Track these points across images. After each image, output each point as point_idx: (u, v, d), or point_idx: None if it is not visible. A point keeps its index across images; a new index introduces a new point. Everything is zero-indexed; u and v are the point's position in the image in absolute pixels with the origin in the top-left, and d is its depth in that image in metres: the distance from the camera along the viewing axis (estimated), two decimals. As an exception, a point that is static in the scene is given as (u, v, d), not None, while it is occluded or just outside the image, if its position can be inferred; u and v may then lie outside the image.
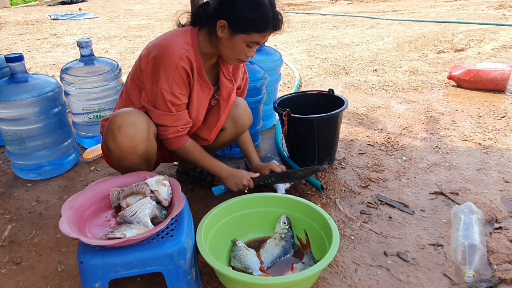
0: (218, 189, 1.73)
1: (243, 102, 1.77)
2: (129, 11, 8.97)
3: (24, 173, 2.08)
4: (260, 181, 1.74)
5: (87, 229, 1.22)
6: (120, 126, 1.39)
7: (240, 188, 1.68)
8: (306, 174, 1.80)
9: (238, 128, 1.77)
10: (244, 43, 1.43)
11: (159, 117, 1.48)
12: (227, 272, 1.18)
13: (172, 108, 1.46)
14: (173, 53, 1.40)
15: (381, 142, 2.38)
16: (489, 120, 2.60)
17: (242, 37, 1.41)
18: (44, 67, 4.37)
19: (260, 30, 1.41)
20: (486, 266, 1.41)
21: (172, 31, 1.50)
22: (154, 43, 1.46)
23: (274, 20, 1.42)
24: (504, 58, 3.88)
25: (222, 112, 1.66)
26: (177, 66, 1.41)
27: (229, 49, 1.45)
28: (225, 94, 1.64)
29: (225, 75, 1.63)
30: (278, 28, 1.45)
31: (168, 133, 1.51)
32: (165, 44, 1.42)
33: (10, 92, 1.87)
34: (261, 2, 1.38)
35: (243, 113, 1.75)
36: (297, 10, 7.92)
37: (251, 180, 1.68)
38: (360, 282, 1.38)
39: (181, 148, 1.57)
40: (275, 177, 1.76)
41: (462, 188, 1.89)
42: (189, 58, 1.43)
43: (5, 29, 6.85)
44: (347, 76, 3.69)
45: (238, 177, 1.66)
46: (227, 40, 1.43)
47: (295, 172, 1.80)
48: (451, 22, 5.60)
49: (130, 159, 1.44)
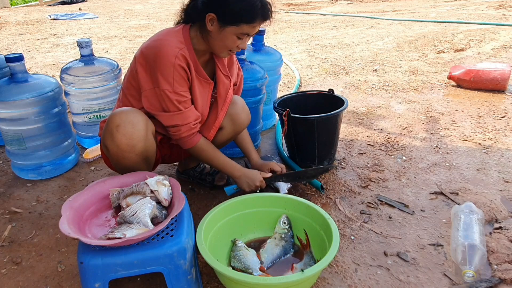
0: (230, 189, 1.73)
1: (240, 100, 1.77)
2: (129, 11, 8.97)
3: (24, 173, 2.08)
4: (272, 181, 1.75)
5: (87, 229, 1.22)
6: (118, 125, 1.39)
7: (252, 189, 1.68)
8: (316, 174, 1.84)
9: (236, 126, 1.76)
10: (234, 35, 1.42)
11: (169, 119, 1.47)
12: (227, 272, 1.18)
13: (180, 106, 1.46)
14: (167, 53, 1.40)
15: (381, 142, 2.38)
16: (489, 120, 2.60)
17: (231, 29, 1.40)
18: (44, 67, 4.37)
19: (249, 21, 1.39)
20: (486, 266, 1.41)
21: (163, 31, 1.49)
22: (147, 45, 1.45)
23: (263, 10, 1.40)
24: (504, 58, 3.88)
25: (220, 109, 1.65)
26: (174, 65, 1.40)
27: (220, 42, 1.44)
28: (222, 90, 1.64)
29: (222, 71, 1.62)
30: (267, 17, 1.43)
31: (182, 132, 1.51)
32: (159, 45, 1.41)
33: (10, 92, 1.87)
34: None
35: (241, 111, 1.75)
36: (297, 10, 7.92)
37: (263, 180, 1.69)
38: (360, 282, 1.38)
39: (195, 146, 1.57)
40: (286, 177, 1.78)
41: (462, 188, 1.89)
42: (184, 56, 1.43)
43: (5, 29, 6.85)
44: (347, 76, 3.69)
45: (251, 177, 1.66)
46: (217, 33, 1.42)
47: (306, 171, 1.84)
48: (451, 22, 5.60)
49: (129, 158, 1.44)
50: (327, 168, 1.87)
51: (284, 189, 1.80)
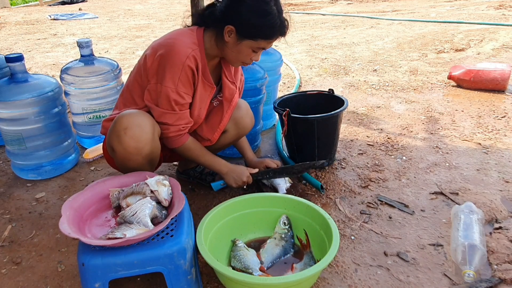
0: (217, 184, 1.75)
1: (245, 104, 1.78)
2: (129, 11, 8.97)
3: (24, 173, 2.08)
4: (259, 176, 1.77)
5: (87, 229, 1.22)
6: (126, 127, 1.39)
7: (239, 184, 1.69)
8: (302, 169, 1.83)
9: (240, 130, 1.77)
10: (250, 49, 1.45)
11: (161, 115, 1.48)
12: (227, 272, 1.18)
13: (176, 107, 1.47)
14: (179, 52, 1.41)
15: (381, 142, 2.38)
16: (489, 120, 2.60)
17: (249, 43, 1.43)
18: (44, 67, 4.37)
19: (267, 37, 1.43)
20: (486, 266, 1.41)
21: (177, 31, 1.50)
22: (160, 42, 1.46)
23: (281, 27, 1.44)
24: (504, 58, 3.88)
25: (225, 112, 1.66)
26: (183, 65, 1.41)
27: (235, 53, 1.47)
28: (228, 95, 1.65)
29: (227, 77, 1.63)
30: (284, 34, 1.47)
31: (170, 132, 1.52)
32: (172, 43, 1.42)
33: (10, 92, 1.87)
34: (269, 10, 1.38)
35: (245, 115, 1.76)
36: (297, 10, 7.92)
37: (250, 176, 1.71)
38: (360, 282, 1.38)
39: (181, 146, 1.58)
40: (273, 172, 1.80)
41: (462, 188, 1.88)
42: (195, 58, 1.44)
43: (5, 29, 6.86)
44: (347, 76, 3.69)
45: (238, 173, 1.68)
46: (233, 44, 1.44)
47: (292, 167, 1.84)
48: (451, 22, 5.60)
49: (135, 160, 1.44)
50: (313, 164, 1.85)
51: (283, 189, 1.80)
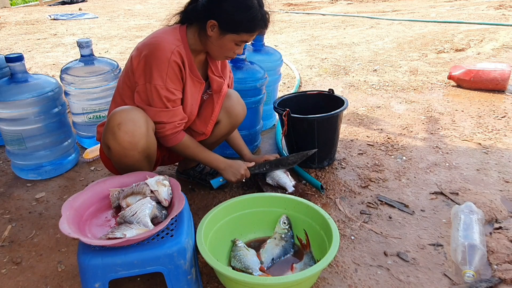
0: (216, 181, 1.76)
1: (234, 93, 1.79)
2: (129, 11, 8.97)
3: (24, 173, 2.08)
4: (256, 169, 1.80)
5: (87, 229, 1.22)
6: (119, 123, 1.39)
7: (238, 178, 1.71)
8: (297, 159, 1.89)
9: (232, 119, 1.77)
10: (233, 42, 1.47)
11: (156, 115, 1.48)
12: (227, 272, 1.18)
13: (168, 104, 1.48)
14: (164, 48, 1.42)
15: (381, 142, 2.38)
16: (489, 120, 2.60)
17: (231, 36, 1.45)
18: (44, 67, 4.37)
19: (249, 31, 1.46)
20: (486, 266, 1.41)
21: (160, 30, 1.52)
22: (144, 42, 1.47)
23: (263, 20, 1.47)
24: (504, 58, 3.88)
25: (216, 103, 1.68)
26: (169, 61, 1.42)
27: (218, 47, 1.49)
28: (216, 87, 1.67)
29: (214, 73, 1.65)
30: (266, 27, 1.50)
31: (166, 130, 1.52)
32: (155, 42, 1.44)
33: (10, 92, 1.87)
34: (250, 4, 1.42)
35: (236, 103, 1.77)
36: (297, 10, 7.92)
37: (247, 169, 1.74)
38: (360, 282, 1.38)
39: (178, 144, 1.58)
40: (269, 165, 1.84)
41: (462, 188, 1.88)
42: (180, 53, 1.45)
43: (5, 29, 6.85)
44: (347, 76, 3.69)
45: (235, 167, 1.71)
46: (216, 39, 1.46)
47: (287, 158, 1.89)
48: (451, 22, 5.60)
49: (131, 156, 1.44)
50: (307, 153, 1.89)
51: (291, 186, 1.79)
